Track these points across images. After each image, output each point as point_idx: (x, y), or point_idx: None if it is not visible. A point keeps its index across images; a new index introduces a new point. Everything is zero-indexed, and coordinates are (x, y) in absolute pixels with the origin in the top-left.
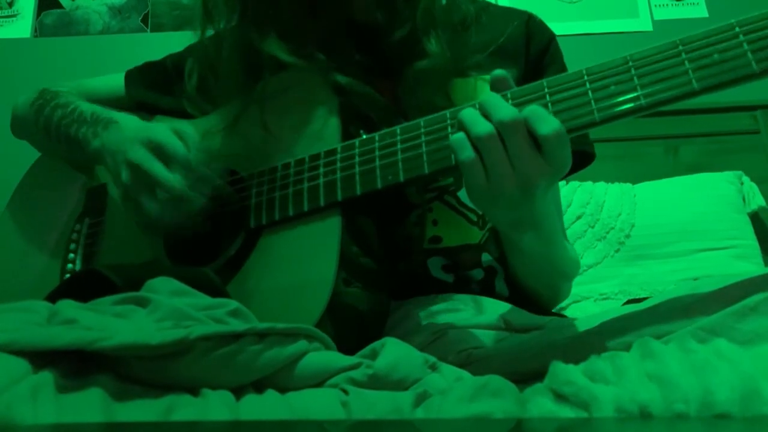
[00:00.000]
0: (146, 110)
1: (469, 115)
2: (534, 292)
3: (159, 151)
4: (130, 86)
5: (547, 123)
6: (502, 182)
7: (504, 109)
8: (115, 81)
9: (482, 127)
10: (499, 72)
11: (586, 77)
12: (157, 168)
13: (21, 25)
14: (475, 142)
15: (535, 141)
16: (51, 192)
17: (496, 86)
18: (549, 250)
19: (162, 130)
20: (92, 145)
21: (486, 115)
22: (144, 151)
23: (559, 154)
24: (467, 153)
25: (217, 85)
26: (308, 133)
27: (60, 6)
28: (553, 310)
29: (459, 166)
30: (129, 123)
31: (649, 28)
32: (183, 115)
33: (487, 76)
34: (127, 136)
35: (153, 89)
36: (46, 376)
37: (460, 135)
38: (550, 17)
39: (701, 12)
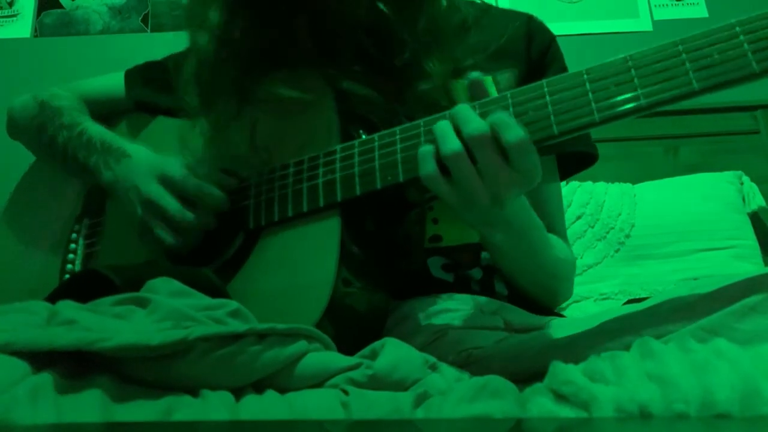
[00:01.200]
0: (146, 110)
1: (441, 129)
2: (526, 291)
3: (171, 184)
4: (130, 86)
5: (511, 131)
6: (472, 195)
7: (473, 122)
8: (114, 81)
9: (451, 144)
10: (475, 74)
11: (585, 77)
12: (169, 202)
13: (21, 25)
14: (444, 159)
15: (503, 151)
16: (50, 192)
17: (474, 91)
18: (526, 247)
19: (173, 164)
20: (105, 177)
21: (456, 129)
22: (156, 186)
23: (526, 162)
24: (427, 169)
25: (213, 87)
26: (307, 134)
27: (60, 6)
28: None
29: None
30: (141, 157)
31: (649, 28)
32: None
33: (489, 77)
34: (139, 171)
35: (154, 89)
36: (46, 378)
37: (427, 148)
38: (551, 17)
39: (701, 12)
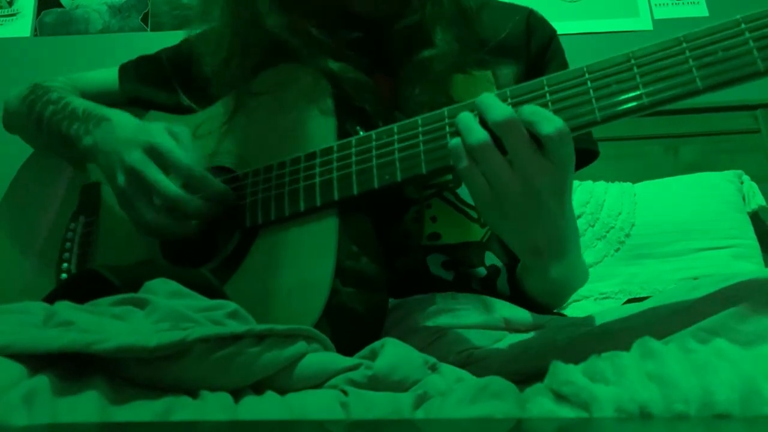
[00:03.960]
0: (140, 105)
1: (464, 121)
2: (541, 303)
3: (156, 155)
4: (124, 80)
5: (549, 122)
6: (504, 188)
7: (498, 109)
8: (108, 75)
9: (476, 135)
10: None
11: (587, 75)
12: (155, 174)
13: (21, 24)
14: (470, 151)
15: (536, 140)
16: (44, 190)
17: None
18: (571, 276)
19: (158, 132)
20: (84, 143)
21: (481, 118)
22: (140, 155)
23: (562, 153)
24: (462, 162)
25: (211, 80)
26: (304, 131)
27: (60, 5)
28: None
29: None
30: (123, 121)
31: (650, 27)
32: (177, 110)
33: (488, 72)
34: (121, 136)
35: (147, 84)
36: (42, 380)
37: (457, 142)
38: (550, 16)
39: (701, 11)
